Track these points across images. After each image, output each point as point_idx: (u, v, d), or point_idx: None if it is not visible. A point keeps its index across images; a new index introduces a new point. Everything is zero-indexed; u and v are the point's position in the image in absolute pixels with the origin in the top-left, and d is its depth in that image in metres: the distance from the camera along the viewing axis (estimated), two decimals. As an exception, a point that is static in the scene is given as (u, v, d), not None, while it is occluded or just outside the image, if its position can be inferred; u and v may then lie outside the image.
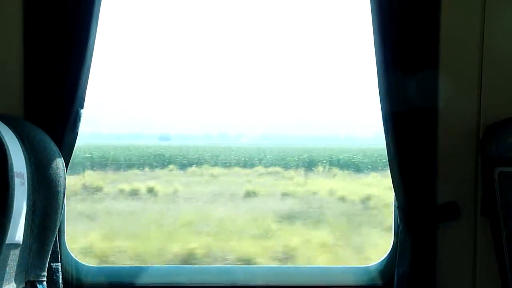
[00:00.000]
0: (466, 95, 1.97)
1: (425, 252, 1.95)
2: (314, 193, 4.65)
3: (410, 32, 1.87)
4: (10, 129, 1.39)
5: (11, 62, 1.88)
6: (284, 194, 4.58)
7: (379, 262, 2.15)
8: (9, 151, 1.19)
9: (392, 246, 2.10)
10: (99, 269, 2.26)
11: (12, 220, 1.24)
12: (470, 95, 1.97)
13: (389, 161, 1.95)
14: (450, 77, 1.95)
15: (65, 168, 1.70)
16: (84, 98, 1.89)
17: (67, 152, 1.82)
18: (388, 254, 2.13)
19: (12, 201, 1.22)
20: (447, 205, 1.96)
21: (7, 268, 1.36)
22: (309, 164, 4.62)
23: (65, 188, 1.68)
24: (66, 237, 2.09)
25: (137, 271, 2.28)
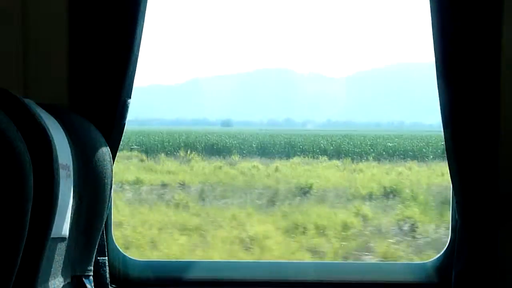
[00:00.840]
0: None
1: (485, 250, 1.85)
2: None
3: (470, 29, 1.77)
4: (55, 119, 1.37)
5: (56, 51, 1.86)
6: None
7: (435, 259, 2.07)
8: (53, 142, 1.17)
9: (449, 242, 2.02)
10: (146, 263, 2.26)
11: (57, 213, 1.22)
12: None
13: (447, 153, 1.85)
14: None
15: (112, 160, 1.67)
16: (131, 88, 1.85)
17: (114, 143, 1.79)
18: (445, 251, 2.04)
19: (57, 193, 1.19)
20: (510, 200, 1.84)
21: (53, 263, 1.34)
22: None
23: (112, 180, 1.65)
24: (113, 231, 2.07)
25: (184, 265, 2.27)
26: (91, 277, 1.61)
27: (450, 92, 1.81)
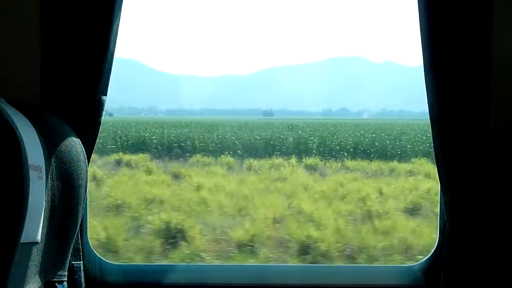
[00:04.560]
0: None
1: (475, 253, 1.82)
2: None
3: (459, 26, 1.75)
4: (27, 118, 1.33)
5: (28, 48, 1.81)
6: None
7: (423, 261, 2.05)
8: (23, 143, 1.13)
9: (437, 245, 1.99)
10: (123, 267, 2.22)
11: (27, 217, 1.18)
12: None
13: (435, 151, 1.82)
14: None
15: (86, 160, 1.62)
16: (107, 85, 1.80)
17: (89, 143, 1.74)
18: (433, 253, 2.02)
19: (27, 197, 1.15)
20: (500, 201, 1.82)
21: (25, 268, 1.30)
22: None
23: (87, 181, 1.60)
24: (89, 233, 2.02)
25: (163, 269, 2.22)
26: (65, 283, 1.56)
27: (438, 89, 1.78)
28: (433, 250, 2.01)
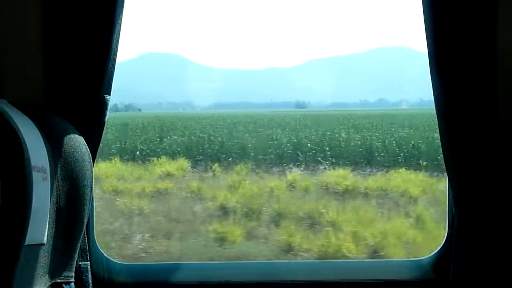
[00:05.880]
0: None
1: (484, 246, 1.81)
2: None
3: (464, 20, 1.75)
4: (30, 119, 1.34)
5: (30, 47, 1.82)
6: None
7: (432, 255, 2.05)
8: (25, 145, 1.14)
9: (446, 238, 1.99)
10: (131, 266, 2.23)
11: (32, 219, 1.19)
12: None
13: (442, 145, 1.82)
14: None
15: (91, 160, 1.63)
16: (111, 84, 1.81)
17: (94, 143, 1.75)
18: (442, 247, 2.02)
19: (31, 198, 1.16)
20: (508, 193, 1.80)
21: (31, 270, 1.31)
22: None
23: (92, 181, 1.61)
24: (96, 234, 2.03)
25: (171, 268, 2.23)
26: (72, 284, 1.56)
27: (444, 84, 1.77)
28: (442, 244, 2.01)
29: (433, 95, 1.79)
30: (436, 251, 2.05)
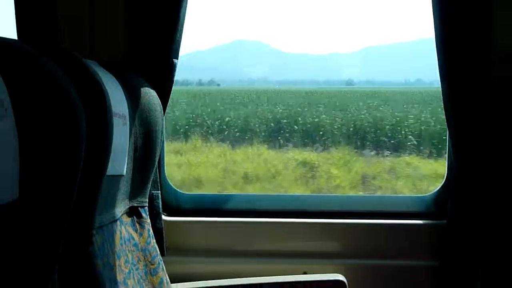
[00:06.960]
0: None
1: (477, 186, 2.02)
2: None
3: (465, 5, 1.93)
4: (113, 76, 1.47)
5: (117, 18, 2.05)
6: None
7: (433, 193, 2.28)
8: (108, 95, 1.24)
9: (446, 179, 2.22)
10: (194, 195, 2.58)
11: (115, 155, 1.32)
12: None
13: (444, 103, 2.01)
14: None
15: (162, 111, 1.85)
16: (178, 51, 2.03)
17: (164, 98, 1.96)
18: (442, 186, 2.25)
19: (111, 138, 1.24)
20: (499, 144, 2.00)
21: (113, 196, 1.43)
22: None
23: (163, 127, 1.83)
24: (166, 170, 2.32)
25: (227, 198, 2.51)
26: (146, 208, 1.72)
27: (447, 51, 1.96)
28: (442, 183, 2.25)
29: (437, 60, 1.98)
30: (437, 189, 2.28)
